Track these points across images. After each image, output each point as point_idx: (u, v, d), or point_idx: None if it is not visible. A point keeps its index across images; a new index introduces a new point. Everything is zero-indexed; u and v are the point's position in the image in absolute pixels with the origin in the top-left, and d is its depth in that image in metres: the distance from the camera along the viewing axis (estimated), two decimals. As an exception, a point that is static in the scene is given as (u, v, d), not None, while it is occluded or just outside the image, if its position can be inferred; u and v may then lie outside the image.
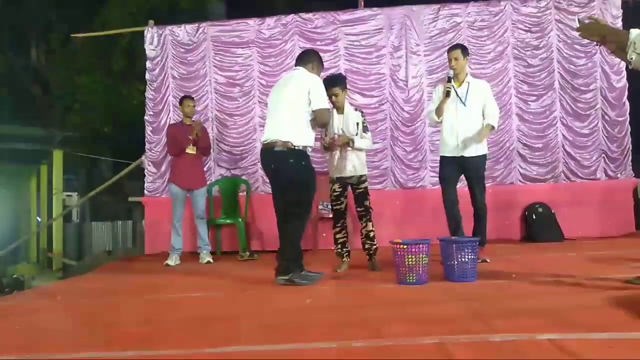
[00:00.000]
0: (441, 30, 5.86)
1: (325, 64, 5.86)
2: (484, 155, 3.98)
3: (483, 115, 3.90)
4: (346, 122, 3.81)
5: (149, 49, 6.06)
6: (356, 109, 3.97)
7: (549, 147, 5.81)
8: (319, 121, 3.38)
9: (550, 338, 1.77)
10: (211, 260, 4.87)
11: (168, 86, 6.04)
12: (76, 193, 11.90)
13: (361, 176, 3.82)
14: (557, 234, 5.41)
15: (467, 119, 3.88)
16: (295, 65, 3.56)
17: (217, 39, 6.01)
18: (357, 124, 3.82)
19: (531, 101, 5.85)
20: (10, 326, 2.55)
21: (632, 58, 2.29)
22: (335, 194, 3.85)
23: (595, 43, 2.69)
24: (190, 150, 4.89)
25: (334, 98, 3.76)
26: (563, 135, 5.82)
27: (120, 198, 9.92)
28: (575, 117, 5.81)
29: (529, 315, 2.22)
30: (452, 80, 3.90)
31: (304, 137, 3.33)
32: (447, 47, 5.73)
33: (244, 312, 2.66)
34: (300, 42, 5.93)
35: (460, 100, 3.89)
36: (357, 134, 3.79)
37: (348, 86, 4.37)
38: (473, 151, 3.90)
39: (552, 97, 5.83)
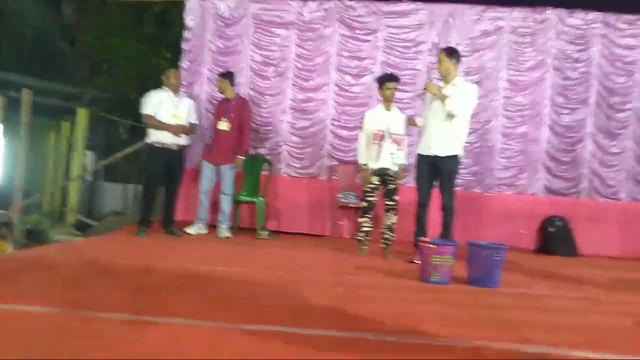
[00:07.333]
0: (483, 32, 5.79)
1: (362, 54, 5.92)
2: (456, 157, 3.92)
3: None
4: (394, 119, 4.11)
5: (189, 19, 6.02)
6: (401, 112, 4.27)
7: (575, 162, 5.78)
8: None
9: (587, 357, 1.79)
10: (230, 236, 4.94)
11: (204, 58, 6.04)
12: (91, 152, 11.96)
13: (397, 172, 4.12)
14: (571, 249, 5.43)
15: (443, 118, 3.85)
16: None
17: (258, 16, 5.97)
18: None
19: (564, 114, 5.80)
20: (40, 278, 2.59)
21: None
22: (371, 186, 4.10)
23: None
24: (222, 126, 4.92)
25: (389, 92, 4.09)
26: (591, 152, 5.78)
27: (134, 161, 9.97)
28: (606, 135, 5.77)
29: (558, 328, 2.24)
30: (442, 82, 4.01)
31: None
32: (486, 50, 5.79)
33: (267, 291, 2.68)
34: (340, 29, 5.90)
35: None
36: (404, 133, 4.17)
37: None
38: (444, 151, 3.88)
39: (585, 112, 5.77)
